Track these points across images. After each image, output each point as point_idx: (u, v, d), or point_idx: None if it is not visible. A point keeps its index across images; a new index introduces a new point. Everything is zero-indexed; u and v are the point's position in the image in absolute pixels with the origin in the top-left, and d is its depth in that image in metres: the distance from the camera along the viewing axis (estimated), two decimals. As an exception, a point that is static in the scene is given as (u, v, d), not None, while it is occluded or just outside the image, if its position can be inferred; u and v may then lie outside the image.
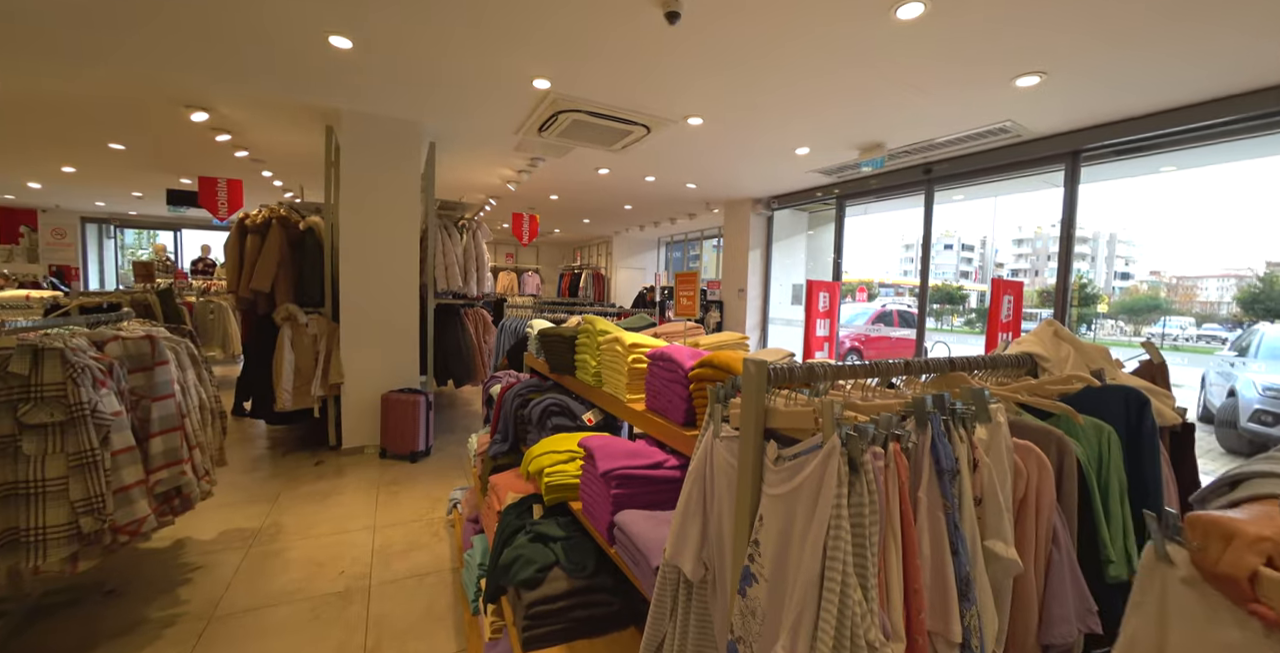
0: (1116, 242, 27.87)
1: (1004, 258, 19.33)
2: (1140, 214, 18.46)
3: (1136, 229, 18.67)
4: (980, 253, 25.52)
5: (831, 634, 0.61)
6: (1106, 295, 17.53)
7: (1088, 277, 18.34)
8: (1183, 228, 21.53)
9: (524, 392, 2.16)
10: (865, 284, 10.38)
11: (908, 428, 0.72)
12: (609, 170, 5.43)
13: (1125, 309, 16.82)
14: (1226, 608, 0.41)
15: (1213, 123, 3.13)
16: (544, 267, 11.47)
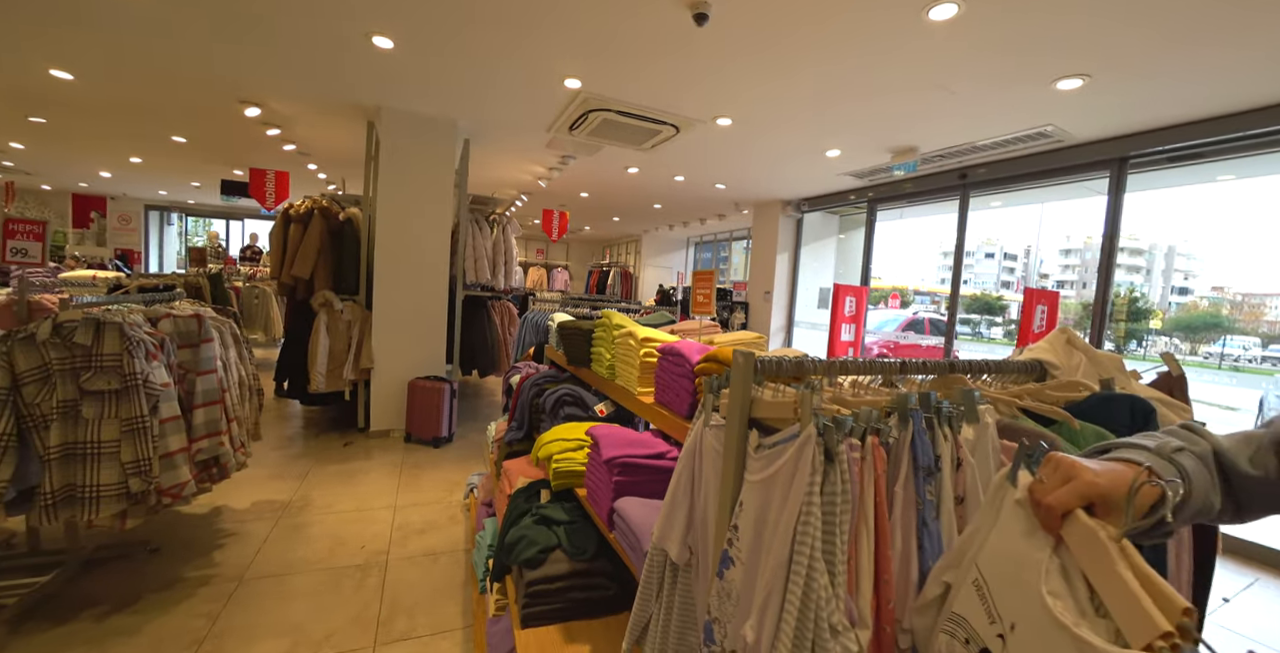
0: (1175, 254, 26.37)
1: (1049, 268, 18.47)
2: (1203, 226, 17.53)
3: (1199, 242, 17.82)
4: (1024, 262, 24.52)
5: (795, 616, 0.63)
6: (1161, 311, 16.63)
7: (1141, 290, 17.45)
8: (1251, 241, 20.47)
9: (540, 382, 2.22)
10: (899, 291, 10.16)
11: (890, 424, 0.73)
12: (638, 169, 5.47)
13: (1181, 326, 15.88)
14: (1038, 531, 0.50)
15: (1275, 129, 2.96)
16: (574, 263, 11.61)
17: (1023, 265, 27.91)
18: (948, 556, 0.61)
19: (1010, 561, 0.51)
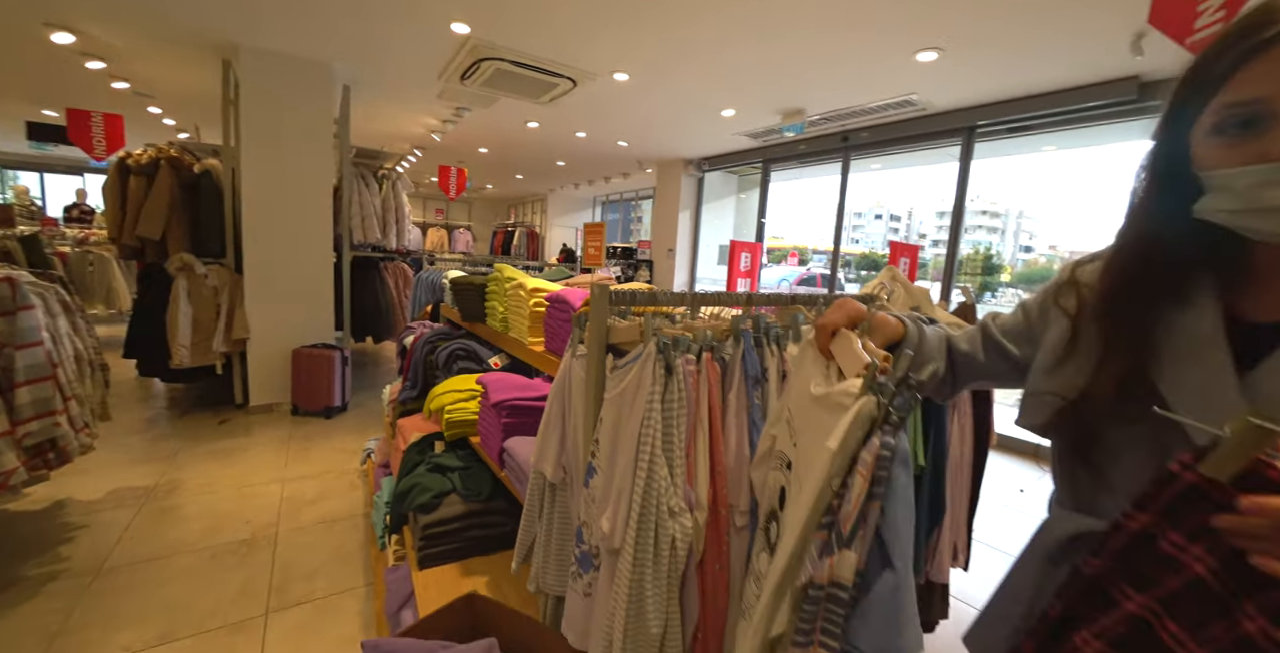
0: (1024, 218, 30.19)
1: (927, 229, 20.40)
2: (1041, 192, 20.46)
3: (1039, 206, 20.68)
4: (906, 223, 26.95)
5: (639, 502, 0.73)
6: (1010, 267, 19.14)
7: (997, 249, 19.87)
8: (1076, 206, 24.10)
9: (433, 339, 2.19)
10: (799, 250, 10.80)
11: (725, 342, 0.84)
12: (539, 124, 5.28)
13: (1025, 279, 18.50)
14: (821, 361, 0.63)
15: (1082, 107, 3.48)
16: (476, 224, 11.06)
17: (905, 226, 30.88)
18: (772, 414, 0.73)
19: (802, 386, 0.64)
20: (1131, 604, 0.40)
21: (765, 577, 0.61)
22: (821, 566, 0.46)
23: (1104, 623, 0.42)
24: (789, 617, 0.50)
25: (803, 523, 0.49)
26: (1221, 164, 0.48)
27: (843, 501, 0.46)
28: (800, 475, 0.57)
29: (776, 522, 0.64)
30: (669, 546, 0.75)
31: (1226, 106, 0.47)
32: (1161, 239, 0.54)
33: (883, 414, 0.45)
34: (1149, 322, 0.53)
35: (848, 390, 0.51)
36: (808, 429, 0.59)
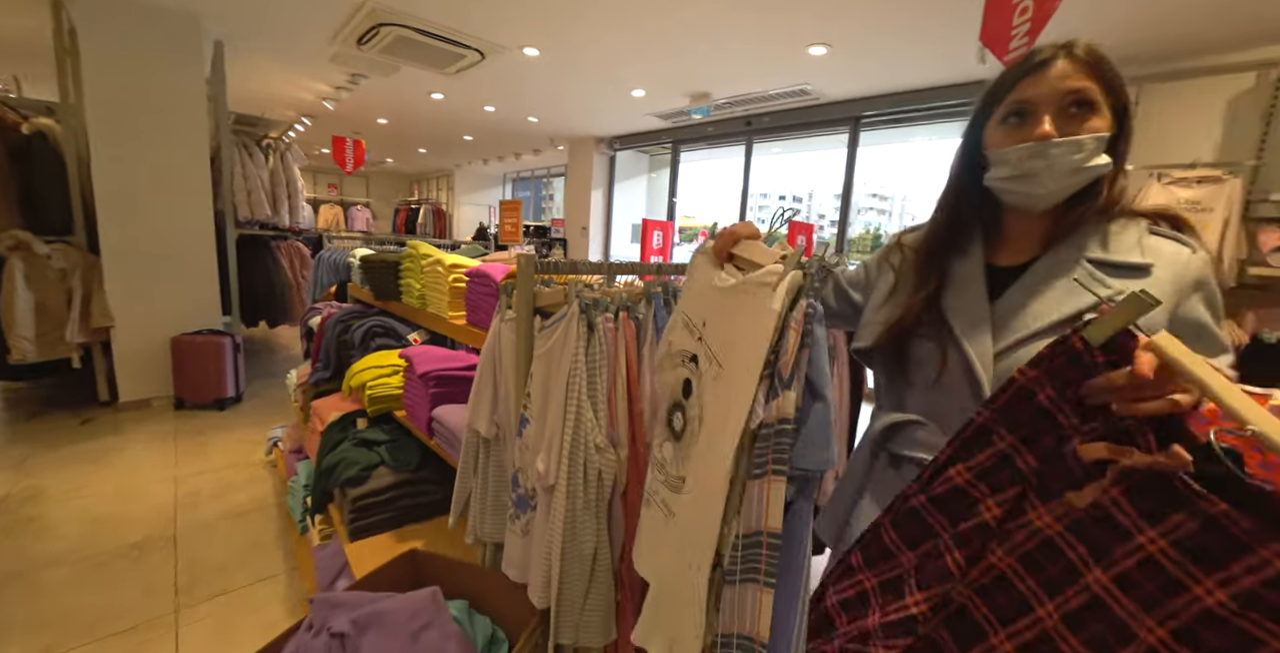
0: (907, 200, 33.08)
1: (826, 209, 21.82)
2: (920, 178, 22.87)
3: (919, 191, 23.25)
4: (808, 204, 28.74)
5: (570, 442, 0.86)
6: (894, 246, 21.31)
7: (885, 229, 21.89)
8: None
9: (345, 318, 2.13)
10: (709, 229, 11.16)
11: (639, 304, 0.97)
12: (444, 96, 5.05)
13: None
14: (716, 263, 0.72)
15: (947, 104, 3.98)
16: (376, 201, 10.30)
17: (807, 207, 33.10)
18: (668, 324, 0.81)
19: (701, 289, 0.73)
20: (1003, 444, 0.53)
21: (667, 463, 0.73)
22: (770, 408, 0.55)
23: (978, 459, 0.54)
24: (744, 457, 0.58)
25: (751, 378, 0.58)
26: (1003, 144, 0.68)
27: (779, 354, 0.56)
28: (721, 351, 0.66)
29: (681, 411, 0.73)
30: (596, 478, 0.89)
31: (1008, 104, 0.68)
32: (959, 207, 0.76)
33: (808, 285, 0.57)
34: (943, 266, 0.74)
35: (770, 271, 0.60)
36: (720, 318, 0.67)
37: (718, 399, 0.64)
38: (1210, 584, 0.37)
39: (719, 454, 0.60)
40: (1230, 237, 2.60)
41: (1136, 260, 0.64)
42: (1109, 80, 0.65)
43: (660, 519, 0.73)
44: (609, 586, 0.94)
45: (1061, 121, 0.64)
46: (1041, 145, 0.63)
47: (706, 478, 0.63)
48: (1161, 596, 0.39)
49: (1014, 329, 0.65)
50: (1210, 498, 0.38)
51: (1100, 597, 0.42)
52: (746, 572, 0.56)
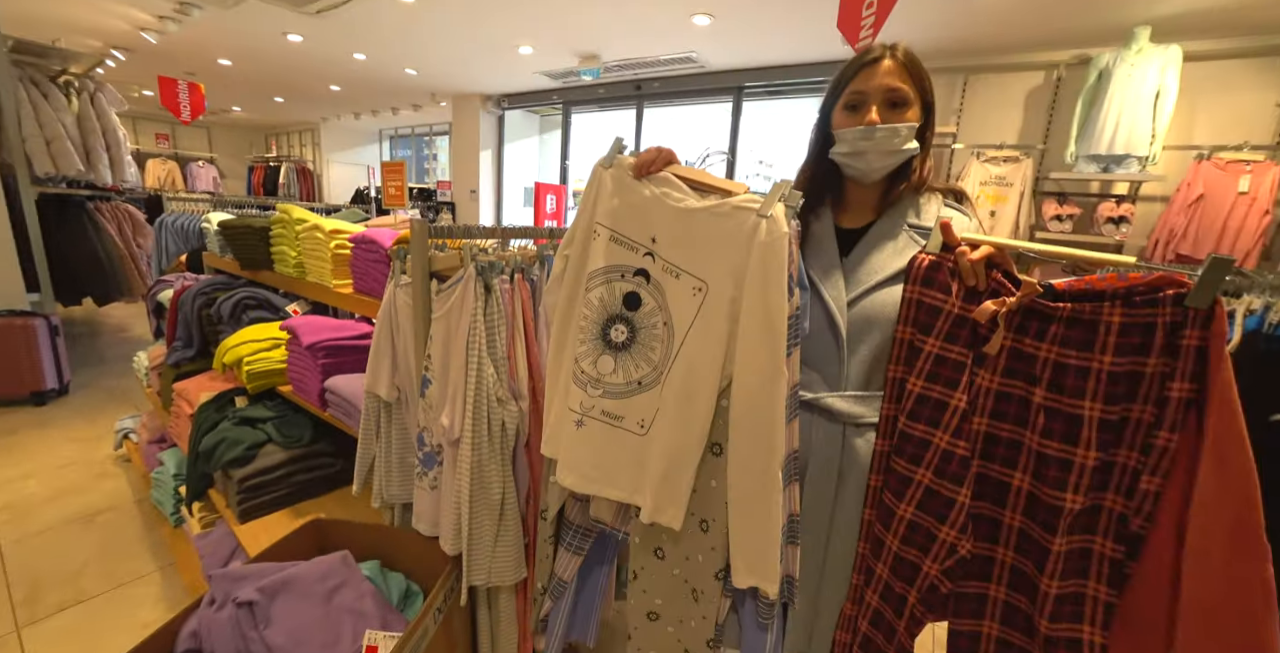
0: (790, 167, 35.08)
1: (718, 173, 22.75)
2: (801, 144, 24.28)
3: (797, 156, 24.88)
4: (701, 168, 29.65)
5: (473, 396, 0.92)
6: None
7: (769, 197, 23.24)
8: None
9: (207, 290, 1.93)
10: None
11: (534, 266, 1.03)
12: (304, 39, 4.44)
13: None
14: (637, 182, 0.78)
15: (818, 80, 4.30)
16: (223, 157, 8.87)
17: (699, 175, 34.01)
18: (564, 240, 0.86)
19: (635, 205, 0.77)
20: (929, 347, 0.70)
21: (604, 377, 0.79)
22: (790, 303, 0.67)
23: (919, 366, 0.71)
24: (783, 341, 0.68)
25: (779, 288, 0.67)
26: (843, 126, 0.83)
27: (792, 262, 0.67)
28: (695, 267, 0.73)
29: (625, 323, 0.79)
30: (500, 429, 0.96)
31: (848, 94, 0.83)
32: (815, 175, 0.92)
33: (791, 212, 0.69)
34: (806, 227, 0.89)
35: (751, 199, 0.69)
36: (692, 233, 0.73)
37: (703, 309, 0.73)
38: (1096, 356, 0.58)
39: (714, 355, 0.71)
40: (1024, 207, 3.19)
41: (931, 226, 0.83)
42: (919, 81, 0.81)
43: (603, 433, 0.79)
44: (517, 528, 1.03)
45: (885, 112, 0.80)
46: (869, 129, 0.79)
47: (700, 373, 0.72)
48: (1080, 383, 0.58)
49: (860, 280, 0.82)
50: (1058, 305, 0.60)
51: (1051, 407, 0.61)
52: None
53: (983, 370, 0.65)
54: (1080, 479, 0.57)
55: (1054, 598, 0.58)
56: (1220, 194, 2.84)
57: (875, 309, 0.80)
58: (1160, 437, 0.54)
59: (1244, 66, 2.98)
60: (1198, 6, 2.75)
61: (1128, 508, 0.55)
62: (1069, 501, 0.58)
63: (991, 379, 0.64)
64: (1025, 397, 0.62)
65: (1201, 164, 2.91)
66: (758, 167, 15.66)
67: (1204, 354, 0.53)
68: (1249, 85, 2.97)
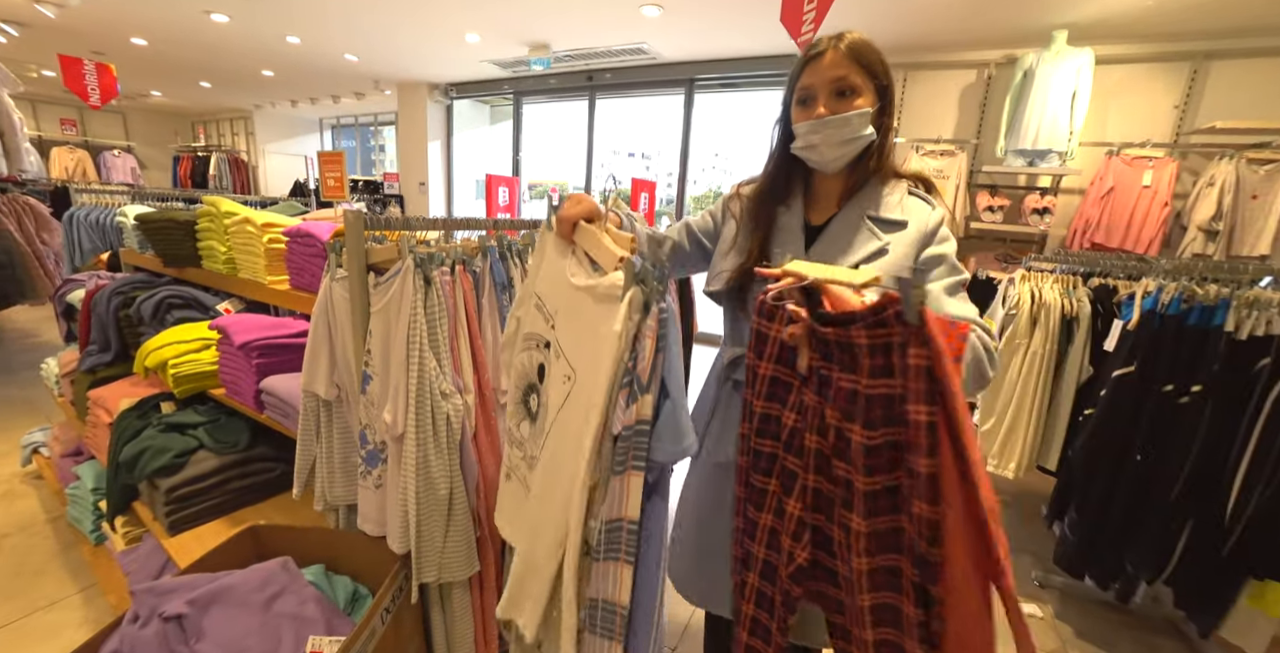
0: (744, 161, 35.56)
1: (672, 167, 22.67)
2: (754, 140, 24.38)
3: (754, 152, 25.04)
4: (655, 161, 29.48)
5: (415, 390, 0.89)
6: (735, 206, 23.09)
7: (724, 187, 23.50)
8: None
9: (124, 290, 1.79)
10: (559, 186, 11.01)
11: (476, 258, 1.01)
12: (230, 19, 4.15)
13: None
14: (564, 246, 0.73)
15: (769, 73, 4.37)
16: (142, 145, 8.19)
17: (656, 164, 34.03)
18: (516, 300, 0.85)
19: (553, 274, 0.75)
20: (765, 370, 0.69)
21: (525, 442, 0.78)
22: (629, 413, 0.57)
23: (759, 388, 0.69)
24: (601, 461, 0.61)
25: (606, 390, 0.60)
26: (798, 121, 0.83)
27: (637, 360, 0.57)
28: (571, 354, 0.69)
29: (536, 394, 0.78)
30: (445, 423, 0.94)
31: (799, 89, 0.83)
32: (780, 167, 0.91)
33: (651, 294, 0.58)
34: (771, 213, 0.88)
35: (615, 284, 0.61)
36: (575, 315, 0.68)
37: (570, 403, 0.67)
38: (861, 379, 0.57)
39: (572, 453, 0.63)
40: (960, 199, 3.37)
41: (897, 217, 0.82)
42: (869, 66, 0.79)
43: (520, 494, 0.80)
44: (467, 523, 1.02)
45: (833, 103, 0.80)
46: (819, 122, 0.80)
47: (560, 471, 0.66)
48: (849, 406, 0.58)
49: None
50: (825, 330, 0.59)
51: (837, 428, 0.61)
52: (610, 551, 0.61)
53: (806, 388, 0.65)
54: (860, 503, 0.58)
55: (868, 609, 0.59)
56: (1128, 187, 3.08)
57: None
58: (920, 462, 0.52)
59: (1148, 70, 3.23)
60: (1108, 14, 2.96)
61: (917, 534, 0.54)
62: (855, 522, 0.58)
63: (811, 397, 0.65)
64: (831, 415, 0.62)
65: (1112, 159, 3.15)
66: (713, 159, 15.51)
67: (931, 374, 0.51)
68: (1152, 88, 3.23)
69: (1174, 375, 1.39)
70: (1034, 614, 1.79)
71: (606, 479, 0.62)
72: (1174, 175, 3.00)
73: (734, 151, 5.08)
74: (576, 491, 0.62)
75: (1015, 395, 1.93)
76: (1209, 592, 1.40)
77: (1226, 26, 2.97)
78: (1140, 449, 1.44)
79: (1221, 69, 3.08)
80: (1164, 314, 1.39)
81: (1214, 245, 2.94)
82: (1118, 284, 1.79)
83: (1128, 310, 1.49)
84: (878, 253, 0.80)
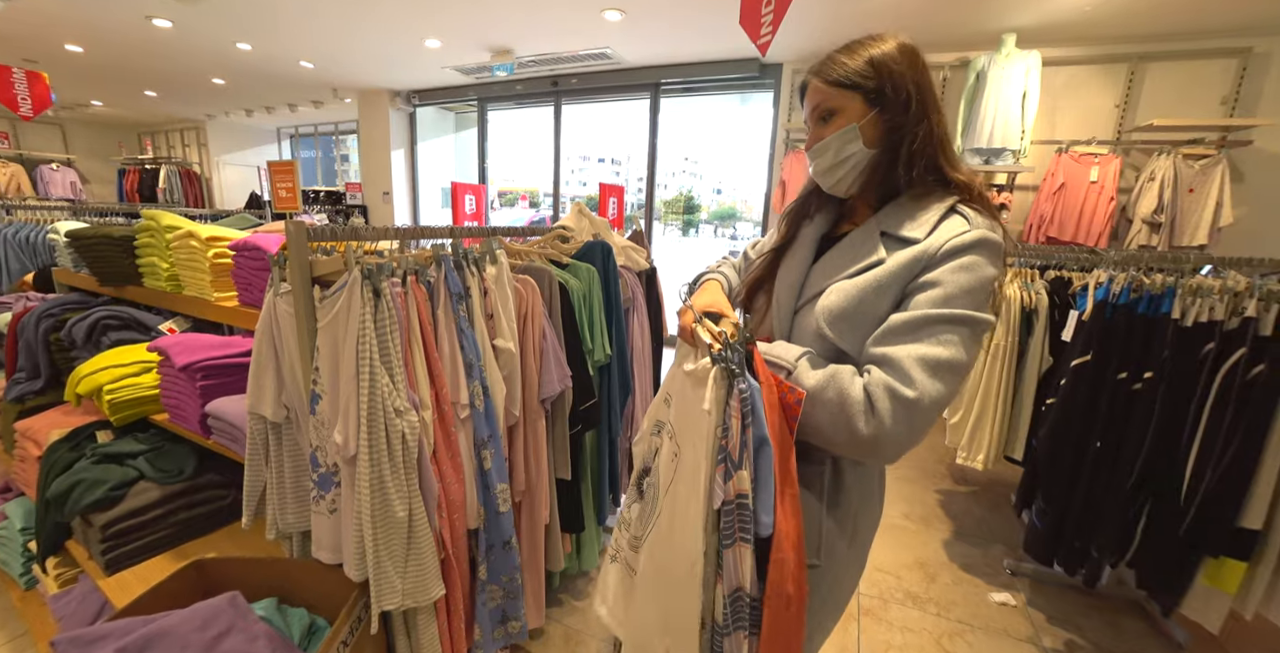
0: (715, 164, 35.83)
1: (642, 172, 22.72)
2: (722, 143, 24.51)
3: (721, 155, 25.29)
4: (625, 167, 29.43)
5: (366, 408, 0.85)
6: (706, 206, 22.96)
7: (696, 191, 23.49)
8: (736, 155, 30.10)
9: (55, 312, 1.68)
10: (529, 193, 10.97)
11: (429, 267, 0.97)
12: (173, 24, 3.98)
13: (718, 217, 22.12)
14: (688, 350, 0.72)
15: (733, 77, 4.41)
16: (83, 158, 7.78)
17: (626, 169, 33.93)
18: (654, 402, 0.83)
19: (677, 361, 0.74)
20: None
21: (633, 522, 0.76)
22: (728, 488, 0.58)
23: None
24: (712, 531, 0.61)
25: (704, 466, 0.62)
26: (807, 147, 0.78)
27: (729, 438, 0.59)
28: (679, 433, 0.70)
29: (648, 476, 0.77)
30: (400, 441, 0.89)
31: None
32: (807, 190, 0.86)
33: (729, 372, 0.60)
34: (796, 227, 0.85)
35: (705, 367, 0.63)
36: (682, 397, 0.70)
37: (677, 478, 0.68)
38: None
39: (680, 528, 0.64)
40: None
41: (908, 234, 0.69)
42: (850, 77, 0.71)
43: (626, 576, 0.77)
44: (429, 545, 0.97)
45: (816, 131, 0.76)
46: (809, 154, 0.77)
47: (672, 549, 0.66)
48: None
49: (811, 287, 0.76)
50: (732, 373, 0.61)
51: None
52: (737, 623, 0.61)
53: None
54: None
55: None
56: (1077, 183, 3.21)
57: (806, 318, 0.74)
58: None
59: (1090, 72, 3.38)
60: (1052, 18, 3.08)
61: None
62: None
63: None
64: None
65: (1061, 157, 3.27)
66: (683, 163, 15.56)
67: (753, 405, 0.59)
68: (1095, 88, 3.38)
69: (1126, 363, 1.43)
70: (1007, 602, 1.82)
71: (717, 552, 0.62)
72: (1118, 171, 3.13)
73: (704, 155, 5.13)
74: (689, 563, 0.63)
75: (981, 388, 1.97)
76: (1169, 571, 1.44)
77: (1158, 31, 3.12)
78: (1099, 436, 1.47)
79: (1156, 70, 3.24)
80: (1115, 304, 1.43)
81: (1157, 237, 3.08)
82: (1072, 276, 1.84)
83: (1082, 301, 1.53)
84: (871, 266, 0.71)
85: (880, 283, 0.68)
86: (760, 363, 0.62)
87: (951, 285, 0.65)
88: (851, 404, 0.62)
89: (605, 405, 1.51)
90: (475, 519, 1.06)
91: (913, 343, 0.63)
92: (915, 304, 0.66)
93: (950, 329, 0.63)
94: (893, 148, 0.72)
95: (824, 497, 0.75)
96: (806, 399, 0.63)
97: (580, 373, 1.32)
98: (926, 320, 0.64)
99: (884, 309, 0.68)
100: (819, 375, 0.66)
